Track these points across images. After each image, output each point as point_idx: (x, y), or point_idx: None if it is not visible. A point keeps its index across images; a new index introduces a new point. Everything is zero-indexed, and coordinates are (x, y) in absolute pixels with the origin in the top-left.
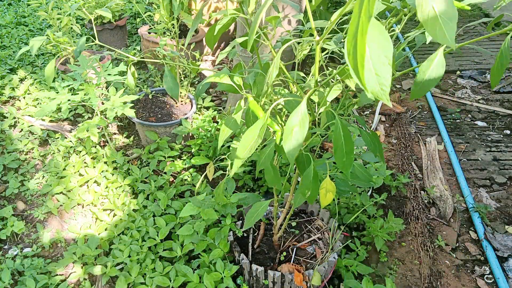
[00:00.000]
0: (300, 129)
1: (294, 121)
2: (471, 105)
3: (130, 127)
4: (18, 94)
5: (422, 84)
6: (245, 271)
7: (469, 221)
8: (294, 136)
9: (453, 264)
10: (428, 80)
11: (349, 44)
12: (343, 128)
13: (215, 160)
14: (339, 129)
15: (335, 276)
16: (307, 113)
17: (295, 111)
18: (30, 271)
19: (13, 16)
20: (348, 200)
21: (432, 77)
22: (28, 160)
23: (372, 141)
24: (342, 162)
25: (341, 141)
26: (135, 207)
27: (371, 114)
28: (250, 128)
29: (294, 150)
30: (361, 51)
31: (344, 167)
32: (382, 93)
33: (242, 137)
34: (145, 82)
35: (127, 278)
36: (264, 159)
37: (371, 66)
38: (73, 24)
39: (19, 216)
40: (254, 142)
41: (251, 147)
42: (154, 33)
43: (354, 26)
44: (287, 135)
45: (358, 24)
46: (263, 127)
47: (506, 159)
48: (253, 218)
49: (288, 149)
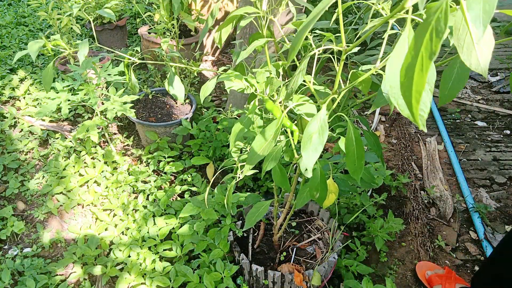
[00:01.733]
0: (319, 137)
1: (313, 128)
2: (471, 105)
3: (130, 127)
4: (18, 94)
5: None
6: (245, 271)
7: (469, 221)
8: (313, 143)
9: (453, 264)
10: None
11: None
12: (355, 133)
13: (215, 160)
14: (351, 135)
15: (335, 276)
16: (326, 120)
17: (314, 117)
18: (30, 271)
19: (13, 16)
20: (348, 200)
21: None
22: (28, 160)
23: (375, 141)
24: (353, 167)
25: (353, 146)
26: (135, 207)
27: (371, 114)
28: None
29: (313, 158)
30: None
31: (355, 172)
32: (420, 118)
33: (256, 139)
34: (145, 82)
35: (127, 278)
36: (271, 159)
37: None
38: (73, 24)
39: (19, 216)
40: (268, 144)
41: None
42: (154, 33)
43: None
44: (306, 142)
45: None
46: (278, 128)
47: (506, 159)
48: (254, 218)
49: (307, 156)
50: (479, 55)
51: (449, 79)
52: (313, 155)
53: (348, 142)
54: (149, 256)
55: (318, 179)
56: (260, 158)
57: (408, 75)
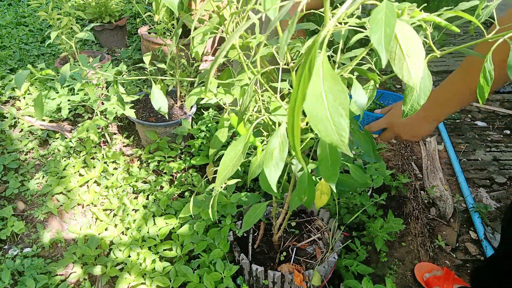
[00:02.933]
0: (280, 153)
1: (274, 144)
2: (471, 105)
3: (130, 127)
4: (18, 94)
5: (412, 101)
6: (245, 271)
7: (469, 221)
8: (274, 159)
9: (453, 264)
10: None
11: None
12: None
13: (215, 160)
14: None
15: (335, 276)
16: (287, 136)
17: (275, 133)
18: (30, 271)
19: (13, 16)
20: (348, 200)
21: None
22: (28, 160)
23: (366, 140)
24: (327, 173)
25: (326, 152)
26: (135, 207)
27: None
28: (232, 145)
29: (275, 174)
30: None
31: (330, 178)
32: (341, 143)
33: (224, 155)
34: (145, 82)
35: (127, 278)
36: (255, 168)
37: (329, 116)
38: (73, 25)
39: (19, 216)
40: (237, 160)
41: (233, 165)
42: (154, 33)
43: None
44: (267, 158)
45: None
46: (246, 144)
47: (506, 159)
48: (251, 220)
49: (269, 173)
50: (410, 67)
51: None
52: (275, 171)
53: (322, 147)
54: (149, 256)
55: (305, 183)
56: (231, 174)
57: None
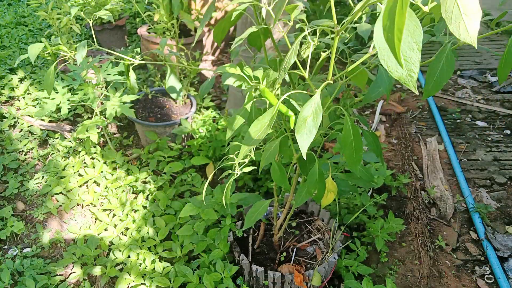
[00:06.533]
0: (313, 120)
1: (307, 112)
2: (472, 105)
3: (130, 127)
4: (17, 94)
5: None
6: (245, 271)
7: (469, 221)
8: (307, 126)
9: (453, 264)
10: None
11: (385, 19)
12: (352, 125)
13: (215, 160)
14: (348, 126)
15: (335, 277)
16: (321, 105)
17: (309, 101)
18: (30, 271)
19: (13, 16)
20: (349, 200)
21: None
22: (28, 161)
23: (374, 140)
24: (351, 159)
25: (350, 138)
26: (134, 207)
27: (371, 114)
28: (262, 115)
29: (307, 141)
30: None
31: (353, 163)
32: (409, 79)
33: (253, 124)
34: (144, 82)
35: (126, 279)
36: (268, 156)
37: (400, 51)
38: (72, 24)
39: (19, 216)
40: (265, 128)
41: (261, 132)
42: (153, 33)
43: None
44: (300, 125)
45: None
46: (274, 114)
47: (506, 159)
48: (253, 217)
49: (301, 140)
50: (467, 25)
51: (436, 70)
52: (307, 138)
53: (346, 133)
54: (148, 257)
55: (316, 176)
56: (256, 143)
57: (390, 16)
